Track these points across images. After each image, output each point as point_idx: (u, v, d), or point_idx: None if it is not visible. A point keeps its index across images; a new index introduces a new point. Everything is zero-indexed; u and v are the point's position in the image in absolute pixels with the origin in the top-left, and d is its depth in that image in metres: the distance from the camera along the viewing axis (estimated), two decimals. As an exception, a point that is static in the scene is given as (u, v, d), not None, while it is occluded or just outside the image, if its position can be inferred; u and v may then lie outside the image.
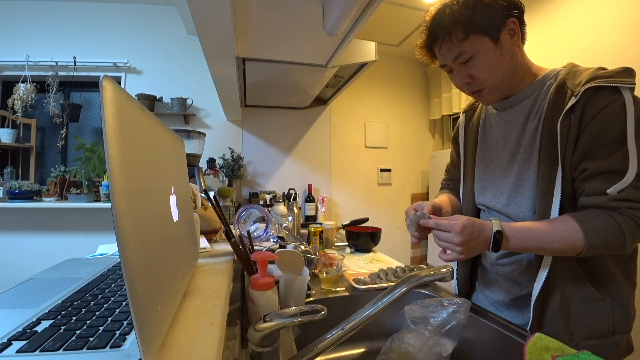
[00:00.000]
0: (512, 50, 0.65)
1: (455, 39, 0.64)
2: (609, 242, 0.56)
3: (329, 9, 1.02)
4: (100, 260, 0.77)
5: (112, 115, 0.29)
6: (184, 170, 0.67)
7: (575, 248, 0.57)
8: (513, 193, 0.70)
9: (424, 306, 0.64)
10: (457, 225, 0.59)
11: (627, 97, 0.55)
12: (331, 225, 1.33)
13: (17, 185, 2.07)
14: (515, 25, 0.64)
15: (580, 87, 0.58)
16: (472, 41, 0.63)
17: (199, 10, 0.89)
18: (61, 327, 0.38)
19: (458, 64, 0.67)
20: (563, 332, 0.63)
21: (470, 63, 0.65)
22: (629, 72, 0.58)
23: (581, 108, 0.58)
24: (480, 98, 0.72)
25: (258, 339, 0.42)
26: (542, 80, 0.67)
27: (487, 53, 0.64)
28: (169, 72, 2.42)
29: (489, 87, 0.68)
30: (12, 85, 2.20)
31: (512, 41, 0.64)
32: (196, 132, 1.65)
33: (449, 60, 0.68)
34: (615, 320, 0.62)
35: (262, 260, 0.55)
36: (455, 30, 0.63)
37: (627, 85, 0.56)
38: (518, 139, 0.71)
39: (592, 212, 0.58)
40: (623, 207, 0.56)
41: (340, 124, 2.82)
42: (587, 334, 0.63)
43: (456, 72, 0.69)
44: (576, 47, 1.63)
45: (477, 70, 0.66)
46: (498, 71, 0.65)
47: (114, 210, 0.27)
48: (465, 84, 0.69)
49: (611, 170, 0.56)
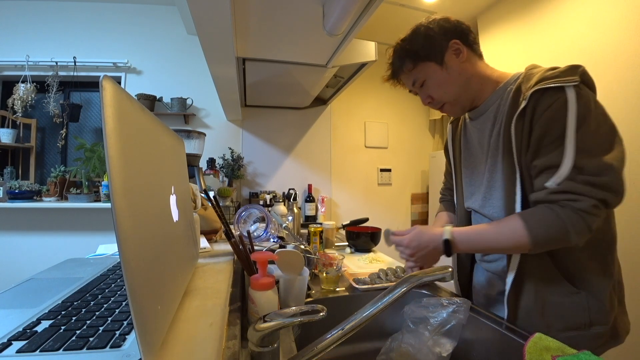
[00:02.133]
0: (459, 67, 0.73)
1: (407, 70, 0.76)
2: (553, 236, 0.59)
3: (329, 9, 1.02)
4: (100, 260, 0.77)
5: (112, 115, 0.29)
6: (184, 170, 0.67)
7: (523, 245, 0.61)
8: (487, 195, 0.75)
9: (423, 306, 0.64)
10: (405, 240, 0.73)
11: (570, 94, 0.58)
12: (331, 225, 1.33)
13: (17, 185, 2.07)
14: (459, 44, 0.72)
15: (529, 90, 0.62)
16: (420, 68, 0.74)
17: (199, 10, 0.89)
18: (61, 327, 0.38)
19: (417, 88, 0.78)
20: (540, 324, 0.65)
21: (425, 86, 0.76)
22: (573, 70, 0.60)
23: (531, 110, 0.62)
24: (445, 112, 0.80)
25: (258, 339, 0.42)
26: (504, 87, 0.72)
27: (436, 75, 0.74)
28: (169, 72, 2.42)
29: (448, 102, 0.77)
30: (12, 85, 2.20)
31: (459, 59, 0.72)
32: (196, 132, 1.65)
33: (410, 87, 0.80)
34: (591, 313, 0.64)
35: (262, 260, 0.55)
36: (405, 63, 0.76)
37: (570, 83, 0.58)
38: (489, 144, 0.76)
39: (536, 208, 0.62)
40: (563, 200, 0.58)
41: (340, 124, 2.82)
42: (564, 326, 0.65)
43: (419, 95, 0.80)
44: (576, 47, 1.62)
45: (432, 91, 0.76)
46: (450, 88, 0.74)
47: (114, 210, 0.27)
48: (428, 103, 0.79)
49: (551, 165, 0.59)
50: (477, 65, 0.74)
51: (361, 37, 1.50)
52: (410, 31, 0.76)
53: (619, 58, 1.43)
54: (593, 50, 1.54)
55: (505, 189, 0.69)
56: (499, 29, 2.11)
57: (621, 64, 1.42)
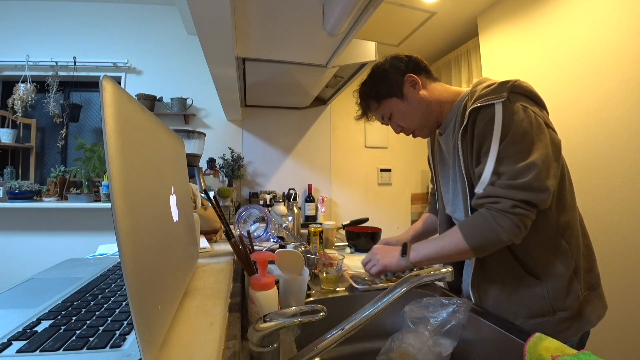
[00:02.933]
0: (417, 97, 0.81)
1: (374, 108, 0.87)
2: (487, 238, 0.65)
3: (329, 9, 1.02)
4: (100, 260, 0.77)
5: (112, 115, 0.29)
6: (184, 170, 0.67)
7: (465, 251, 0.68)
8: (454, 202, 0.82)
9: (423, 306, 0.65)
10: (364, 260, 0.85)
11: (498, 109, 0.66)
12: (331, 225, 1.33)
13: (17, 185, 2.07)
14: (413, 77, 0.80)
15: (468, 108, 0.70)
16: (385, 104, 0.84)
17: (199, 10, 0.89)
18: (61, 327, 0.38)
19: (387, 121, 0.87)
20: (507, 312, 0.71)
21: (392, 118, 0.85)
22: (502, 86, 0.68)
23: (471, 126, 0.70)
24: (417, 137, 0.88)
25: (258, 339, 0.42)
26: (459, 104, 0.79)
27: (399, 108, 0.82)
28: (169, 72, 2.42)
29: (416, 129, 0.86)
30: (12, 85, 2.20)
31: (416, 90, 0.81)
32: (196, 132, 1.65)
33: (380, 121, 0.89)
34: (551, 300, 0.69)
35: (262, 260, 0.55)
36: (371, 103, 0.86)
37: (498, 100, 0.66)
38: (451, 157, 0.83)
39: (471, 215, 0.70)
40: (487, 203, 0.65)
41: (340, 124, 2.82)
42: (529, 314, 0.70)
43: (390, 125, 0.89)
44: (576, 47, 1.62)
45: (400, 121, 0.85)
46: (414, 117, 0.83)
47: (114, 211, 0.27)
48: (399, 131, 0.88)
49: (480, 174, 0.67)
50: (433, 89, 0.83)
51: (361, 37, 1.50)
52: (368, 75, 0.86)
53: (619, 58, 1.43)
54: (593, 50, 1.54)
55: (462, 196, 0.76)
56: (499, 29, 2.11)
57: (621, 64, 1.42)
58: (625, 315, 1.30)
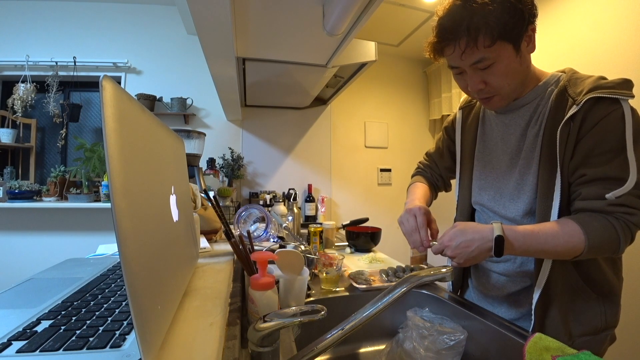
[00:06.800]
0: (528, 58, 0.64)
1: (482, 45, 0.59)
2: (606, 245, 0.58)
3: (329, 9, 1.02)
4: (100, 260, 0.77)
5: (112, 115, 0.29)
6: (184, 170, 0.67)
7: (577, 250, 0.59)
8: (514, 197, 0.72)
9: (421, 337, 0.64)
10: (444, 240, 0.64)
11: (626, 109, 0.57)
12: (331, 225, 1.33)
13: (17, 185, 2.07)
14: (533, 32, 0.62)
15: (583, 96, 0.59)
16: (497, 48, 0.59)
17: (199, 10, 0.89)
18: (61, 327, 0.38)
19: (474, 69, 0.63)
20: (563, 332, 0.65)
21: (489, 70, 0.62)
22: (627, 84, 0.60)
23: (581, 117, 0.59)
24: (488, 104, 0.70)
25: (258, 339, 0.42)
26: (544, 86, 0.68)
27: (509, 62, 0.61)
28: (169, 72, 2.42)
29: (501, 95, 0.66)
30: (12, 85, 2.20)
31: (528, 49, 0.63)
32: (196, 132, 1.65)
33: (466, 64, 0.63)
34: (607, 316, 0.66)
35: (262, 260, 0.55)
36: (483, 35, 0.58)
37: (626, 97, 0.58)
38: (518, 143, 0.72)
39: (590, 215, 0.60)
40: (619, 212, 0.58)
41: (340, 124, 2.82)
42: (582, 331, 0.66)
43: (469, 77, 0.65)
44: (576, 47, 1.62)
45: (494, 78, 0.63)
46: (514, 80, 0.64)
47: (114, 210, 0.27)
48: (478, 89, 0.66)
49: (609, 176, 0.58)
50: (530, 58, 0.66)
51: (361, 37, 1.50)
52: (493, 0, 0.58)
53: (619, 58, 1.43)
54: (593, 50, 1.54)
55: (538, 193, 0.66)
56: (499, 29, 2.10)
57: (621, 64, 1.42)
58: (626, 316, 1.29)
